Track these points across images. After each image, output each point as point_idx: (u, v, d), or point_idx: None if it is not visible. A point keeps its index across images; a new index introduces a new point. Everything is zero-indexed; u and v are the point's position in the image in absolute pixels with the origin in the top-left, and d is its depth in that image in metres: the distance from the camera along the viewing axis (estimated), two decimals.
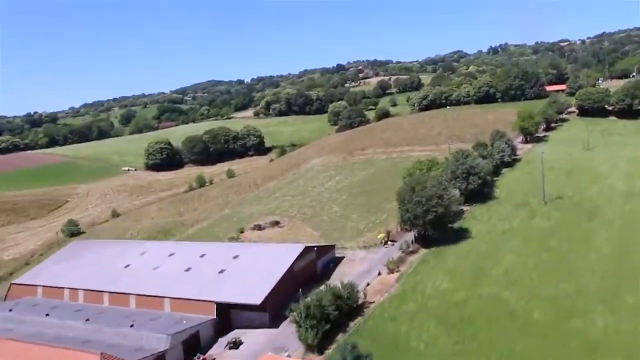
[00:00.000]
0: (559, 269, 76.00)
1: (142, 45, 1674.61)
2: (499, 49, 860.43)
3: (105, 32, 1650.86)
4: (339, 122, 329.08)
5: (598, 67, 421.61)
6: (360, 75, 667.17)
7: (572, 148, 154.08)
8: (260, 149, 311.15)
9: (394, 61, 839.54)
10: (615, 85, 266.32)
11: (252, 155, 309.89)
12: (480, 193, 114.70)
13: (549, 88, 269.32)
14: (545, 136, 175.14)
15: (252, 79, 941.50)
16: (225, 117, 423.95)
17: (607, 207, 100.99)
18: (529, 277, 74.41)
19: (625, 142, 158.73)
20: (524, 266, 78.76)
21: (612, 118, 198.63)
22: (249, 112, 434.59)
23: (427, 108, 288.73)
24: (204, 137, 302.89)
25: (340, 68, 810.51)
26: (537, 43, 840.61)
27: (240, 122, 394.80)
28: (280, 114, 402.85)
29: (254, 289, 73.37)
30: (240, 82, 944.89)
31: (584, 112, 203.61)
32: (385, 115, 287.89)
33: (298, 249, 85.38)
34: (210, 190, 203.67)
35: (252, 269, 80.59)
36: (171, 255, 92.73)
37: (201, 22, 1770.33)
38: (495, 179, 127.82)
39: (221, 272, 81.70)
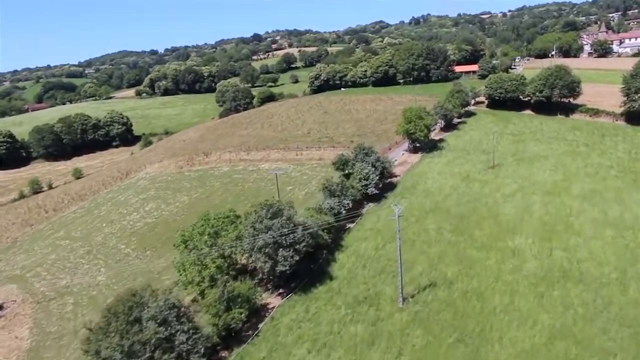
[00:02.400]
0: None
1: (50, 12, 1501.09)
2: (421, 20, 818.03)
3: None
4: (224, 105, 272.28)
5: (517, 42, 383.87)
6: (274, 46, 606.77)
7: (471, 165, 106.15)
8: (127, 138, 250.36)
9: (314, 31, 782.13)
10: (532, 67, 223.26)
11: (117, 146, 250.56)
12: (295, 275, 64.13)
13: (458, 68, 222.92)
14: (441, 140, 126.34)
15: (166, 49, 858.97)
16: (105, 97, 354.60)
17: (508, 327, 52.71)
18: None
19: (542, 154, 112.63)
20: None
21: (528, 112, 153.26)
22: (131, 92, 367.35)
23: (320, 89, 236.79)
24: (56, 127, 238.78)
25: (256, 38, 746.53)
26: (459, 15, 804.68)
27: (118, 103, 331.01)
28: (166, 92, 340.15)
29: None
30: (154, 52, 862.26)
31: (495, 103, 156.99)
32: (269, 98, 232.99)
33: None
34: (20, 206, 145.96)
35: None
36: None
37: None
38: (339, 242, 76.71)
39: None
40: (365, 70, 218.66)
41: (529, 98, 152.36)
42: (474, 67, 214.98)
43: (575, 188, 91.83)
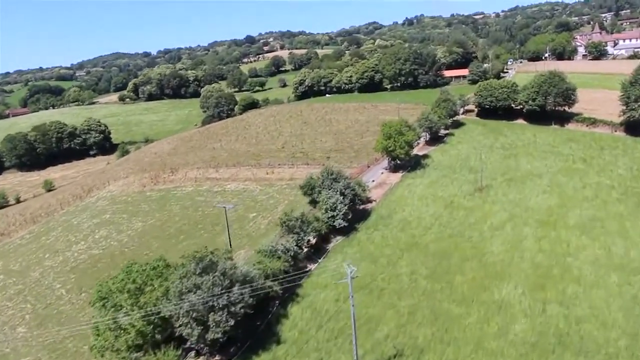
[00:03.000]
0: None
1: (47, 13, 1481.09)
2: (415, 21, 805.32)
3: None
4: (207, 111, 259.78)
5: (510, 44, 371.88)
6: (265, 48, 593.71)
7: (457, 187, 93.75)
8: (105, 147, 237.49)
9: (307, 33, 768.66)
10: (526, 71, 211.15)
11: (94, 156, 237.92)
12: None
13: (448, 73, 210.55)
14: (425, 156, 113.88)
15: (159, 51, 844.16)
16: (87, 102, 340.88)
17: None
18: None
19: (536, 171, 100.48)
20: None
21: (520, 122, 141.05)
22: (115, 96, 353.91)
23: (304, 95, 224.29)
24: (30, 135, 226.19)
25: (250, 40, 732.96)
26: (452, 15, 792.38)
27: (101, 108, 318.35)
28: (151, 97, 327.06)
29: None
30: (147, 54, 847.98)
31: (485, 112, 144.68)
32: (251, 105, 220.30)
33: None
34: None
35: None
36: None
37: None
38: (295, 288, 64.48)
39: None
40: (351, 76, 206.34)
41: (522, 107, 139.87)
42: (464, 72, 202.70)
43: (572, 216, 79.53)
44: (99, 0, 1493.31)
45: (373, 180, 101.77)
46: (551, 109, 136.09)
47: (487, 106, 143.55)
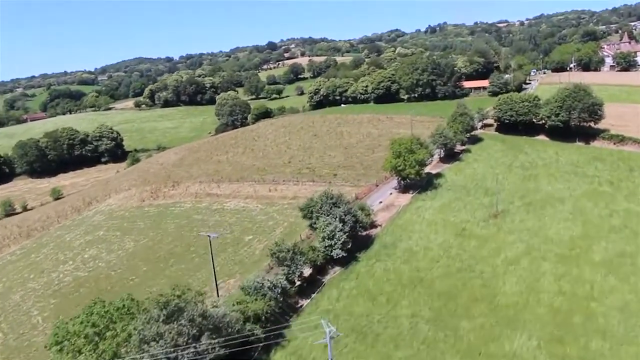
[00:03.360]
0: None
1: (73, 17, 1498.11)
2: (437, 29, 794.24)
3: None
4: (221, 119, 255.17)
5: (533, 53, 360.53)
6: (286, 55, 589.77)
7: (470, 212, 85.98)
8: (117, 154, 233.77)
9: (329, 39, 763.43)
10: (549, 82, 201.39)
11: (106, 163, 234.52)
12: None
13: (467, 84, 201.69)
14: (438, 175, 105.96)
15: (181, 57, 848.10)
16: (104, 107, 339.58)
17: None
18: None
19: (557, 194, 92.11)
20: None
21: (542, 138, 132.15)
22: (132, 102, 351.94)
23: (319, 105, 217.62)
24: (41, 142, 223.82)
25: (271, 46, 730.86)
26: (475, 23, 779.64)
27: (116, 114, 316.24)
28: (167, 104, 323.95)
29: None
30: (169, 59, 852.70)
31: (504, 127, 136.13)
32: (264, 115, 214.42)
33: None
34: None
35: None
36: None
37: None
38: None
39: None
40: (367, 86, 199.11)
41: (544, 122, 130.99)
42: (484, 83, 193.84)
43: (597, 250, 71.13)
44: (125, 6, 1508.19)
45: (380, 202, 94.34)
46: (575, 125, 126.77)
47: (507, 121, 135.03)
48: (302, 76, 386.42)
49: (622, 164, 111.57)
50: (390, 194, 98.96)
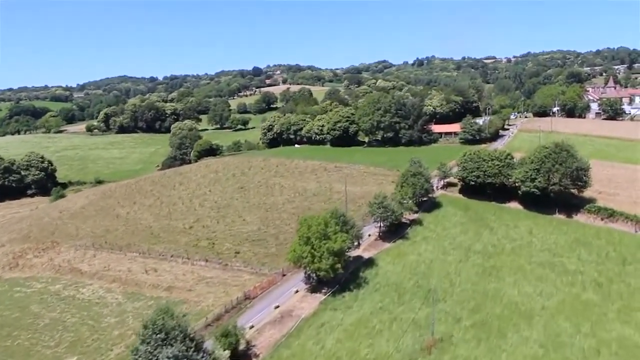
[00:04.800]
0: None
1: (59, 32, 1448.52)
2: (425, 62, 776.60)
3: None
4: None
5: (516, 93, 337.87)
6: (267, 81, 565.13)
7: (393, 339, 57.05)
8: (46, 186, 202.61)
9: (316, 67, 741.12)
10: (529, 130, 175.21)
11: (33, 195, 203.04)
12: None
13: (437, 128, 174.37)
14: (368, 262, 76.92)
15: (165, 77, 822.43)
16: (54, 130, 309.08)
17: None
18: None
19: (524, 306, 65.42)
20: None
21: (515, 206, 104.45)
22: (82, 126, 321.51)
23: (274, 143, 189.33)
24: None
25: (256, 71, 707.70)
26: (463, 58, 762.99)
27: (64, 139, 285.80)
28: (122, 130, 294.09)
29: None
30: (153, 79, 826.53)
31: (470, 189, 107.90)
32: (208, 152, 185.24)
33: None
34: None
35: None
36: None
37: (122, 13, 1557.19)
38: None
39: None
40: (322, 125, 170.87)
41: (517, 186, 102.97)
42: (456, 128, 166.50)
43: None
44: (114, 21, 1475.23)
45: (277, 306, 64.85)
46: (555, 192, 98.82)
47: (473, 182, 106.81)
48: (274, 105, 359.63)
49: (612, 252, 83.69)
50: (296, 291, 69.81)
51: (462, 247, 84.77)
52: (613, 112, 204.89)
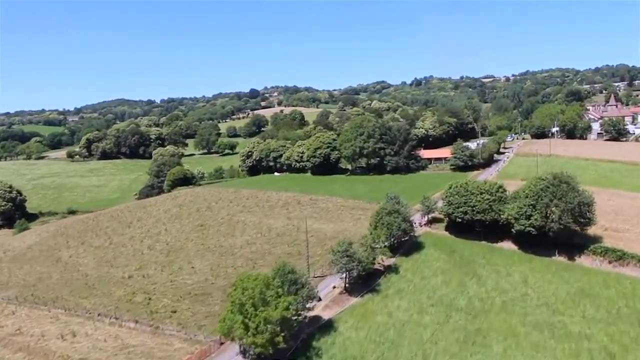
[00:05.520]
0: None
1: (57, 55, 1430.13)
2: (423, 82, 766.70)
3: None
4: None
5: (514, 113, 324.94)
6: (263, 103, 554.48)
7: None
8: (15, 217, 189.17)
9: (314, 89, 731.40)
10: (526, 154, 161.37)
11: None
12: None
13: (427, 153, 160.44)
14: (326, 326, 61.74)
15: (162, 100, 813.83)
16: (35, 155, 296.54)
17: None
18: None
19: None
20: None
21: (508, 246, 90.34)
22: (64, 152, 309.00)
23: (254, 170, 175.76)
24: None
25: (254, 93, 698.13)
26: (461, 78, 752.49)
27: (44, 165, 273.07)
28: (105, 156, 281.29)
29: None
30: (150, 102, 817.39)
31: (458, 226, 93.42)
32: (182, 181, 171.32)
33: None
34: None
35: None
36: None
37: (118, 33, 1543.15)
38: None
39: None
40: (303, 152, 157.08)
41: (510, 223, 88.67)
42: (447, 153, 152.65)
43: None
44: (115, 44, 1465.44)
45: None
46: (554, 231, 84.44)
47: (460, 219, 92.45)
48: (265, 128, 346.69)
49: (625, 307, 69.20)
50: None
51: (442, 302, 70.13)
52: (616, 132, 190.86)
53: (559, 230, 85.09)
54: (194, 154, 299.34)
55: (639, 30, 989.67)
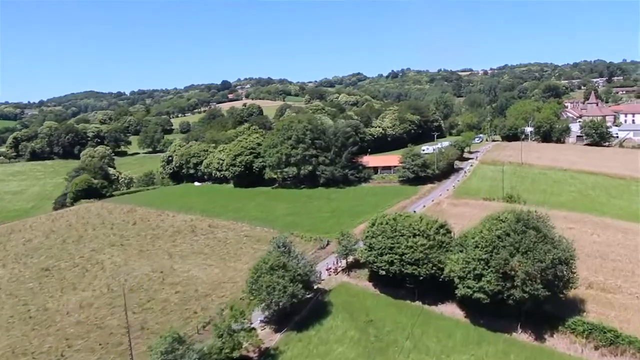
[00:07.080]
0: None
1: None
2: (399, 74, 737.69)
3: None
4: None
5: (488, 108, 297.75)
6: (230, 96, 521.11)
7: None
8: None
9: (288, 81, 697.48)
10: (494, 161, 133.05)
11: None
12: None
13: (373, 161, 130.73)
14: None
15: (132, 92, 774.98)
16: None
17: None
18: None
19: None
20: None
21: (451, 311, 62.68)
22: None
23: (177, 177, 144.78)
24: None
25: (225, 85, 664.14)
26: (438, 70, 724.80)
27: None
28: (35, 156, 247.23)
29: None
30: (120, 94, 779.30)
31: (382, 278, 63.47)
32: (88, 193, 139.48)
33: None
34: None
35: None
36: None
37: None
38: None
39: None
40: (222, 159, 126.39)
41: (455, 282, 59.38)
42: (396, 160, 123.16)
43: None
44: (85, 34, 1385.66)
45: None
46: (516, 300, 55.43)
47: (384, 271, 62.90)
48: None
49: None
50: None
51: None
52: (598, 136, 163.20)
53: (522, 299, 56.03)
54: (138, 153, 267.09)
55: (619, 26, 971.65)
